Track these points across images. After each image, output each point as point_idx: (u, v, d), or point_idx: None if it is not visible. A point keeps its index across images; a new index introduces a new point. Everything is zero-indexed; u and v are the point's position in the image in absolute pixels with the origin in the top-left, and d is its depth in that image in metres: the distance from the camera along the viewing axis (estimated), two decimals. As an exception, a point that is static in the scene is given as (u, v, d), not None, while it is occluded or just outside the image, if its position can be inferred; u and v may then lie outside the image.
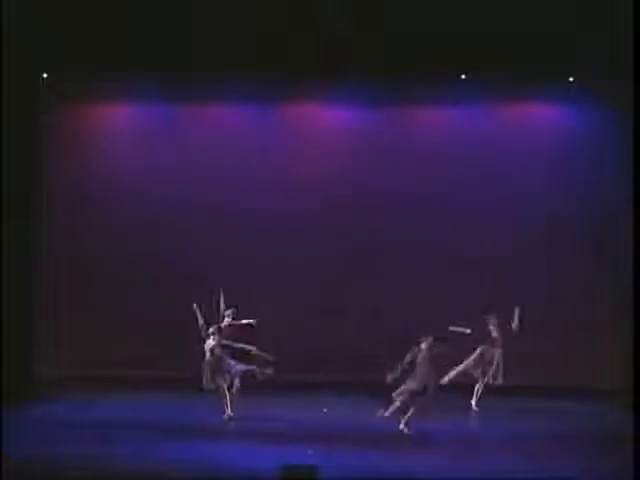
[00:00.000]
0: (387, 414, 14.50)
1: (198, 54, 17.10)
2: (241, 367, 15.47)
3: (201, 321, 15.56)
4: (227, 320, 16.34)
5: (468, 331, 16.56)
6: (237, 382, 15.79)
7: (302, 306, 19.32)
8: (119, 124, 20.05)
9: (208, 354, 15.34)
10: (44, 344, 18.38)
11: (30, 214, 17.84)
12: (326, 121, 20.01)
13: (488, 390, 16.86)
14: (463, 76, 17.71)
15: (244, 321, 16.46)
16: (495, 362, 16.66)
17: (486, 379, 16.70)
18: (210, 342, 15.39)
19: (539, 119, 19.77)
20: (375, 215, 19.74)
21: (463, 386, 16.82)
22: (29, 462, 12.48)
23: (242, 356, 15.87)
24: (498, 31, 16.58)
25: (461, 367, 16.52)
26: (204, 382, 15.36)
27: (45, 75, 17.98)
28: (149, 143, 19.92)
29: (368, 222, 19.71)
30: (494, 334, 16.82)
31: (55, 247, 19.32)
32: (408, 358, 14.44)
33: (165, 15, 16.78)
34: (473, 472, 12.46)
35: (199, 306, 15.66)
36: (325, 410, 16.37)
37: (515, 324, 16.75)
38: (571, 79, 18.06)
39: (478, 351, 16.72)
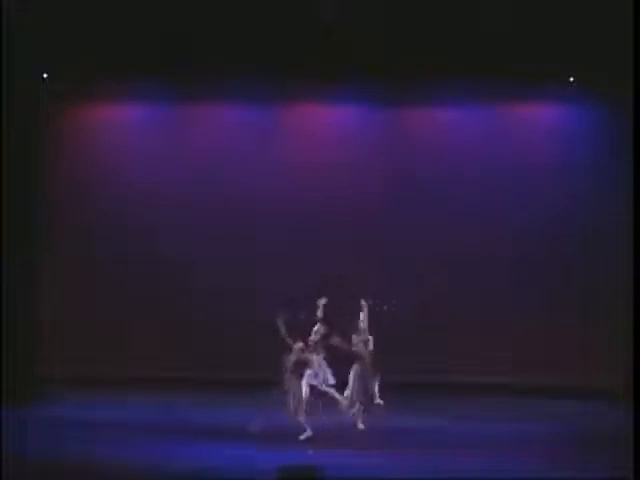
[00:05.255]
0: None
1: (198, 54, 17.11)
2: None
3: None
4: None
5: None
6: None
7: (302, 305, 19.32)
8: (119, 124, 20.05)
9: None
10: (44, 344, 18.39)
11: (30, 214, 17.84)
12: (326, 121, 20.02)
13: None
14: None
15: None
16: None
17: None
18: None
19: (539, 119, 19.77)
20: (375, 214, 19.74)
21: (462, 387, 16.86)
22: (29, 462, 12.48)
23: None
24: (497, 31, 16.59)
25: None
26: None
27: (45, 75, 17.99)
28: (149, 143, 19.92)
29: (368, 221, 19.72)
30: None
31: (55, 247, 19.33)
32: None
33: (165, 15, 16.79)
34: (473, 472, 12.46)
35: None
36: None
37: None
38: (571, 79, 18.08)
39: None
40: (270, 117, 20.00)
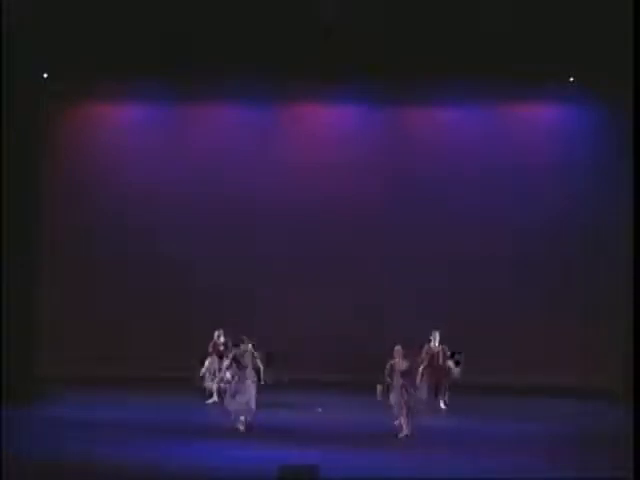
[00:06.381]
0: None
1: (198, 54, 17.11)
2: None
3: None
4: None
5: None
6: None
7: (301, 305, 19.33)
8: (119, 124, 20.07)
9: None
10: (45, 344, 18.38)
11: (30, 213, 17.83)
12: (326, 121, 20.03)
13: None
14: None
15: None
16: None
17: None
18: None
19: (539, 119, 19.79)
20: (375, 214, 19.75)
21: (462, 387, 16.85)
22: (29, 462, 12.48)
23: None
24: (498, 31, 16.58)
25: None
26: None
27: (45, 75, 17.99)
28: (149, 143, 19.94)
29: (368, 221, 19.73)
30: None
31: (56, 247, 19.34)
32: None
33: (165, 15, 16.78)
34: (473, 472, 12.46)
35: None
36: (320, 410, 16.37)
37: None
38: (571, 79, 18.09)
39: None
40: (270, 117, 20.02)
